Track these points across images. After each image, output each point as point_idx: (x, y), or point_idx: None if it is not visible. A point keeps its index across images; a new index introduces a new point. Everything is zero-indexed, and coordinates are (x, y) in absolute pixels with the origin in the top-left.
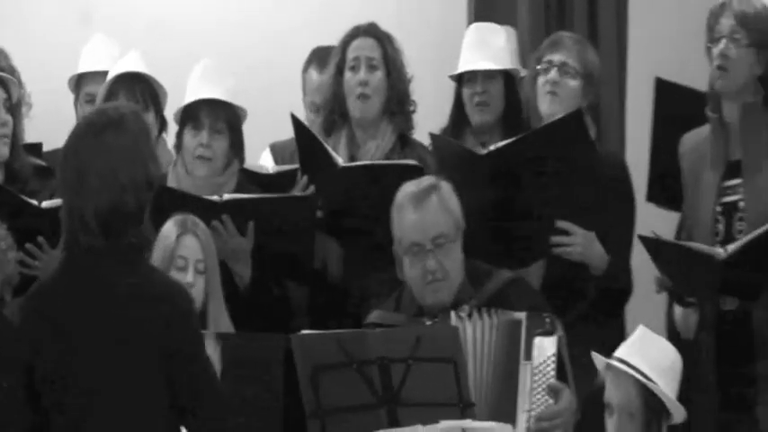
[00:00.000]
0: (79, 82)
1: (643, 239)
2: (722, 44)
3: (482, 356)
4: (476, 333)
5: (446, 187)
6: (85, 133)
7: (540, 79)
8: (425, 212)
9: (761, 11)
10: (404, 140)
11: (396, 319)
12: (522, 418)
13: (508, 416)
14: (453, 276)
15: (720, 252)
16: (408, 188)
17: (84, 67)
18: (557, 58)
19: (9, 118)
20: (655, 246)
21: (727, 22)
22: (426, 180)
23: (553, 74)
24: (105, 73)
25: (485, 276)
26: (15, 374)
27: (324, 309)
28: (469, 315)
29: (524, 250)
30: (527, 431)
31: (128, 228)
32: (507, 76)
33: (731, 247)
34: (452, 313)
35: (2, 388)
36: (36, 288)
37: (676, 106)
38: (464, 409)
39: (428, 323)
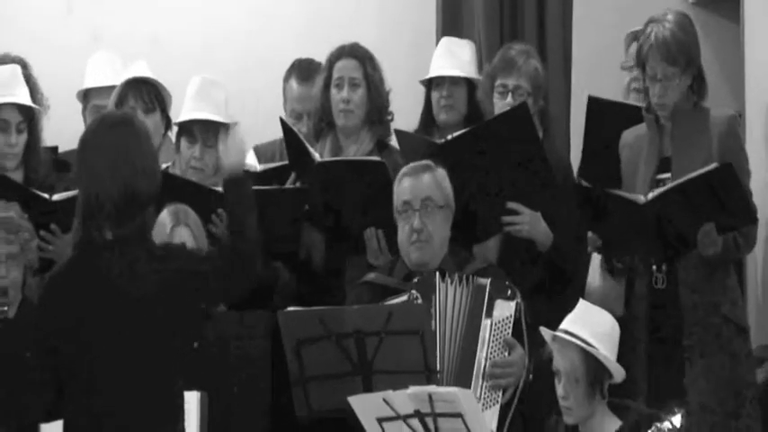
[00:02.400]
0: (86, 95)
1: (575, 187)
2: (658, 88)
3: (457, 314)
4: (455, 295)
5: (442, 171)
6: (101, 129)
7: (498, 102)
8: (419, 180)
9: (677, 33)
10: (381, 145)
11: (388, 281)
12: (480, 364)
13: (469, 361)
14: (437, 243)
15: (641, 198)
16: (411, 164)
17: (90, 82)
18: (511, 82)
19: (20, 140)
20: (585, 193)
21: (656, 61)
22: (425, 161)
23: (509, 99)
24: (109, 87)
25: (465, 261)
26: (40, 356)
27: (309, 294)
28: (451, 281)
29: (479, 227)
30: (482, 376)
31: (140, 213)
32: (470, 84)
33: (651, 195)
34: (437, 273)
35: (27, 360)
36: (54, 275)
37: (608, 120)
38: (429, 375)
39: (415, 280)
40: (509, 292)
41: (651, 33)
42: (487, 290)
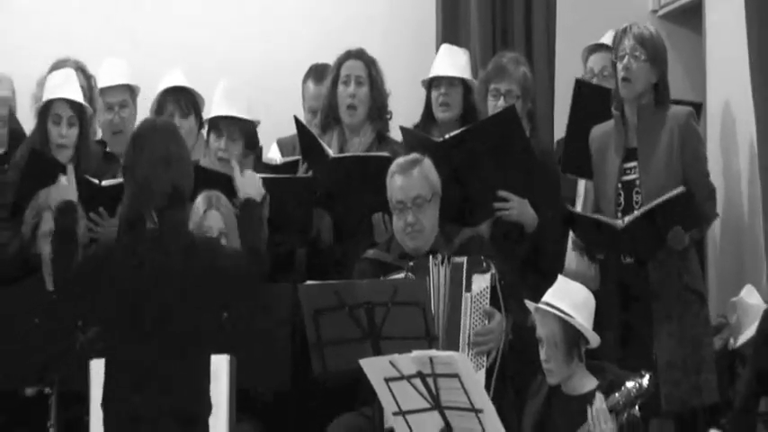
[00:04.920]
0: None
1: (563, 212)
2: (625, 60)
3: (443, 291)
4: (444, 274)
5: (428, 162)
6: (152, 133)
7: (491, 104)
8: (409, 178)
9: (654, 34)
10: (381, 138)
11: (385, 257)
12: (462, 335)
13: (454, 333)
14: (428, 230)
15: (619, 223)
16: (399, 160)
17: (102, 83)
18: (503, 87)
19: (70, 132)
20: (571, 216)
21: (628, 43)
22: (413, 156)
23: (501, 101)
24: (117, 86)
25: (454, 234)
26: (82, 322)
27: (318, 268)
28: (441, 262)
29: (474, 212)
30: (467, 345)
31: (182, 206)
32: (465, 85)
33: (627, 219)
34: (431, 257)
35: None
36: (101, 249)
37: (590, 101)
38: (430, 341)
39: (411, 264)
40: (484, 265)
41: (631, 26)
42: (464, 267)
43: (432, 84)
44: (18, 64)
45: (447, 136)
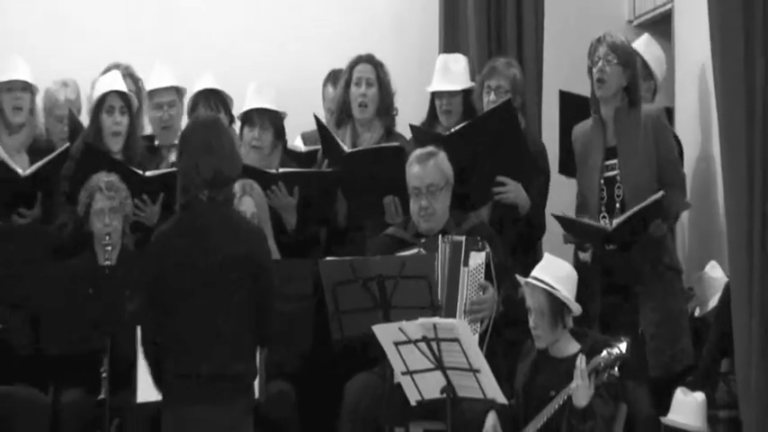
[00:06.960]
0: (150, 95)
1: (556, 216)
2: (600, 64)
3: (445, 266)
4: (451, 252)
5: (442, 155)
6: (197, 127)
7: (485, 99)
8: (424, 168)
9: (625, 42)
10: (389, 133)
11: (403, 235)
12: (460, 304)
13: (453, 302)
14: (440, 214)
15: (608, 227)
16: (417, 152)
17: (153, 85)
18: (493, 83)
19: (123, 120)
20: (563, 221)
21: (602, 50)
22: (430, 148)
23: (492, 96)
24: (165, 88)
25: (462, 220)
26: (141, 294)
27: (335, 245)
28: (446, 241)
29: (475, 197)
30: (464, 313)
31: (224, 187)
32: (465, 91)
33: (615, 222)
34: (440, 236)
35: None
36: (162, 230)
37: (574, 108)
38: (434, 310)
39: (423, 240)
40: (480, 244)
41: (605, 35)
42: (463, 245)
43: (434, 93)
44: (73, 69)
45: (451, 130)
